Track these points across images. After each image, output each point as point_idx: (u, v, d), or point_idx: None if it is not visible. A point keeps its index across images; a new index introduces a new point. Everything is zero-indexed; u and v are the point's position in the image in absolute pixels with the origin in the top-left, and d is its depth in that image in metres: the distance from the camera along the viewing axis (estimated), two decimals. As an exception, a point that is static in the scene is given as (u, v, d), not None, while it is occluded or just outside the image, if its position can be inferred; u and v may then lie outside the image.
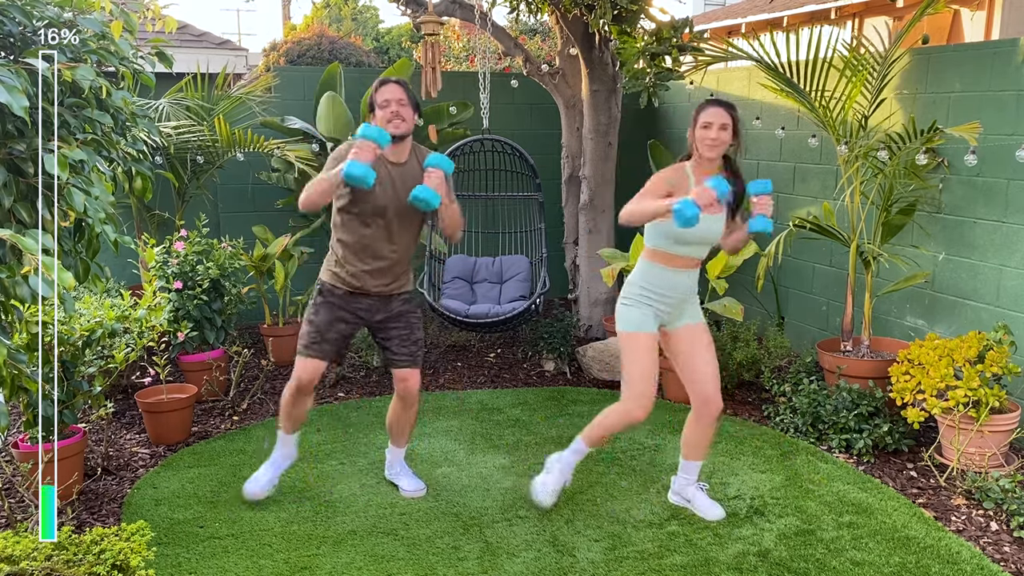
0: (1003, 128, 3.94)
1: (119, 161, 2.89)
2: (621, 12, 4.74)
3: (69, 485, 3.40)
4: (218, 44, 7.64)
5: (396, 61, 5.82)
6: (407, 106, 3.16)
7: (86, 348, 3.58)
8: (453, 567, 2.95)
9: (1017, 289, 3.94)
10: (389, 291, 3.34)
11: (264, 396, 4.74)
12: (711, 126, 3.05)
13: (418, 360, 3.42)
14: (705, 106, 3.10)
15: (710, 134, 3.05)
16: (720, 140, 3.06)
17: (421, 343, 3.44)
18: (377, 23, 17.34)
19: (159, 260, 4.60)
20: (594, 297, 5.72)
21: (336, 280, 3.31)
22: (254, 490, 3.44)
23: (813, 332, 5.20)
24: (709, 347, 3.22)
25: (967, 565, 2.93)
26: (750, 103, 5.52)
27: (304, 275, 5.94)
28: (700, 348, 3.20)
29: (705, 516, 3.27)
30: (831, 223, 4.45)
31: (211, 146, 5.35)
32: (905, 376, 3.74)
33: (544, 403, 4.64)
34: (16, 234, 2.02)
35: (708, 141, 3.06)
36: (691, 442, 3.30)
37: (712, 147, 3.06)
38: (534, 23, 10.27)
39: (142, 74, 2.87)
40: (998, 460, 3.57)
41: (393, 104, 3.14)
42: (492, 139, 5.37)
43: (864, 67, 4.24)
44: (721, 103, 3.11)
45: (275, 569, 2.94)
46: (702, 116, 3.08)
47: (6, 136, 2.40)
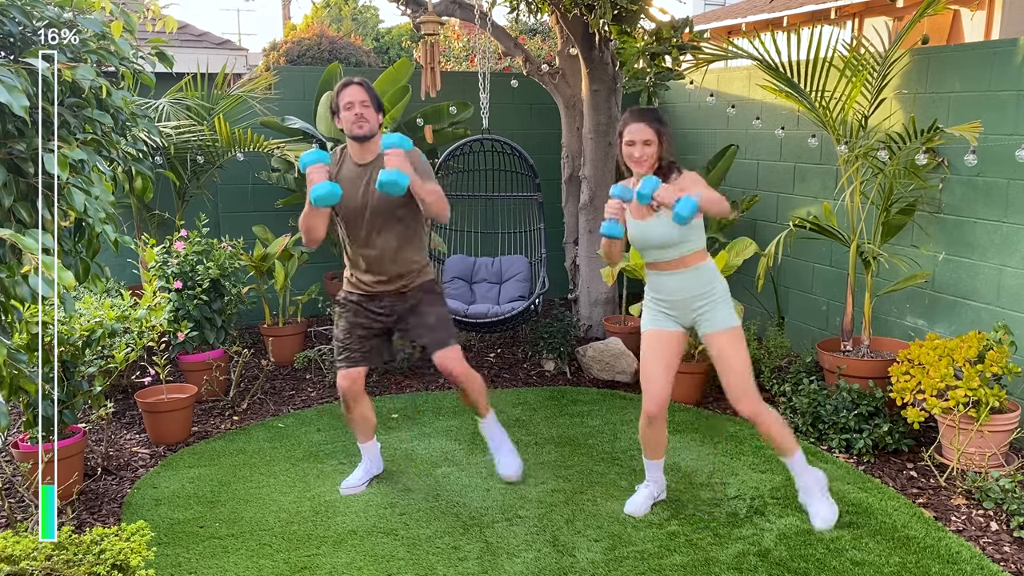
0: (1003, 128, 3.94)
1: (119, 161, 2.89)
2: (621, 12, 4.74)
3: (69, 485, 3.40)
4: (218, 44, 7.64)
5: (396, 61, 5.82)
6: (370, 107, 3.22)
7: (86, 348, 3.58)
8: (453, 567, 2.95)
9: (1017, 289, 3.94)
10: (397, 290, 3.35)
11: (264, 396, 4.74)
12: (634, 144, 3.05)
13: (445, 341, 3.42)
14: (628, 120, 3.07)
15: (635, 152, 3.05)
16: (645, 156, 3.05)
17: (443, 324, 3.43)
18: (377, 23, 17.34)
19: (159, 260, 4.60)
20: (594, 297, 5.71)
21: (347, 287, 3.41)
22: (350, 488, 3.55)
23: (813, 332, 5.20)
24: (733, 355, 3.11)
25: (967, 565, 2.93)
26: (750, 103, 5.53)
27: (304, 275, 5.95)
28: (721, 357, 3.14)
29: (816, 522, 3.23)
30: (831, 223, 4.45)
31: (211, 146, 5.35)
32: (905, 376, 3.74)
33: (544, 403, 4.64)
34: (16, 233, 2.02)
35: (634, 159, 3.06)
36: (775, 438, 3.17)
37: (638, 164, 3.07)
38: (534, 23, 10.27)
39: (142, 74, 2.87)
40: (998, 460, 3.57)
41: (356, 106, 3.19)
42: (492, 139, 5.36)
43: (864, 67, 4.24)
44: (643, 115, 3.07)
45: (275, 569, 2.95)
46: (625, 132, 3.07)
47: (6, 136, 2.40)
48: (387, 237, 3.28)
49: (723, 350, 3.12)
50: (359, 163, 3.28)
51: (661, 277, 3.16)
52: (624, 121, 3.09)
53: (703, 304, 3.13)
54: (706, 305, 3.13)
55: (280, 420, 4.40)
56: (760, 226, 5.60)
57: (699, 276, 3.13)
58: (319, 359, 5.12)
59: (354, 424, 3.52)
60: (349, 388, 3.38)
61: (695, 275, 3.13)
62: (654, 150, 3.04)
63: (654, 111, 3.13)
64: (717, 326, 3.12)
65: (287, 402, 4.68)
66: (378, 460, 3.66)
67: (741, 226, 5.60)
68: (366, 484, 3.58)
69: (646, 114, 3.07)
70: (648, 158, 3.04)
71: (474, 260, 5.57)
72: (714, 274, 3.18)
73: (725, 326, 3.12)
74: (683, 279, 3.12)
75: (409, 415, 4.46)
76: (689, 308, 3.15)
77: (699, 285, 3.13)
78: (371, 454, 3.62)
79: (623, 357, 4.94)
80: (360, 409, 3.45)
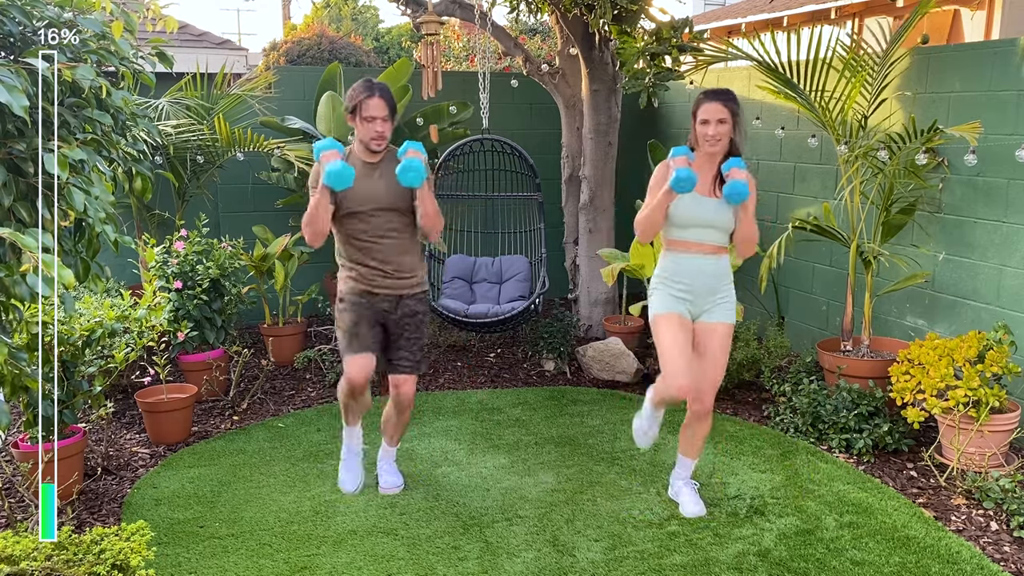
0: (1003, 128, 3.94)
1: (119, 161, 2.89)
2: (621, 12, 4.74)
3: (69, 485, 3.40)
4: (218, 44, 7.64)
5: (396, 61, 5.82)
6: (388, 121, 3.23)
7: (86, 348, 3.58)
8: (453, 567, 2.95)
9: (1017, 289, 3.94)
10: (399, 290, 3.34)
11: (264, 396, 4.74)
12: (709, 123, 3.06)
13: (418, 367, 3.41)
14: (702, 100, 3.09)
15: (708, 131, 3.06)
16: (719, 134, 3.06)
17: (422, 350, 3.44)
18: (377, 23, 17.34)
19: (159, 260, 4.60)
20: (594, 297, 5.71)
21: (349, 285, 3.35)
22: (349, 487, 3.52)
23: (813, 332, 5.20)
24: (722, 350, 3.19)
25: (967, 565, 2.93)
26: (750, 103, 5.52)
27: (304, 275, 5.95)
28: (711, 347, 3.18)
29: (683, 511, 3.29)
30: (831, 223, 4.45)
31: (211, 145, 5.35)
32: (905, 376, 3.74)
33: (544, 403, 4.64)
34: (16, 233, 2.02)
35: (708, 137, 3.06)
36: (684, 438, 3.34)
37: (712, 143, 3.07)
38: (534, 23, 10.27)
39: (142, 74, 2.87)
40: (998, 460, 3.57)
41: (378, 122, 3.20)
42: (492, 139, 5.37)
43: (864, 67, 4.24)
44: (719, 95, 3.09)
45: (275, 569, 2.95)
46: (700, 112, 3.08)
47: (6, 136, 2.40)
48: (389, 236, 3.29)
49: (719, 342, 3.19)
50: (366, 161, 3.29)
51: (692, 260, 3.15)
52: (698, 101, 3.10)
53: (722, 295, 3.19)
54: (723, 297, 3.20)
55: (280, 420, 4.40)
56: (760, 226, 5.56)
57: (726, 267, 3.20)
58: (319, 359, 5.12)
59: (356, 410, 3.47)
60: (359, 374, 3.27)
61: (724, 265, 3.19)
62: (727, 129, 3.07)
63: (729, 91, 3.13)
64: (723, 318, 3.20)
65: (287, 402, 4.68)
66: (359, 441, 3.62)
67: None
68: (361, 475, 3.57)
69: (721, 94, 3.09)
70: (722, 136, 3.06)
71: (474, 260, 5.57)
72: (730, 269, 3.26)
73: (729, 320, 3.22)
74: (713, 265, 3.16)
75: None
76: (707, 295, 3.17)
77: (724, 276, 3.20)
78: (354, 437, 3.58)
79: (623, 357, 4.94)
80: (365, 397, 3.43)
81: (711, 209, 3.10)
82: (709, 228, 3.12)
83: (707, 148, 3.08)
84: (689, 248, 3.15)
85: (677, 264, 3.18)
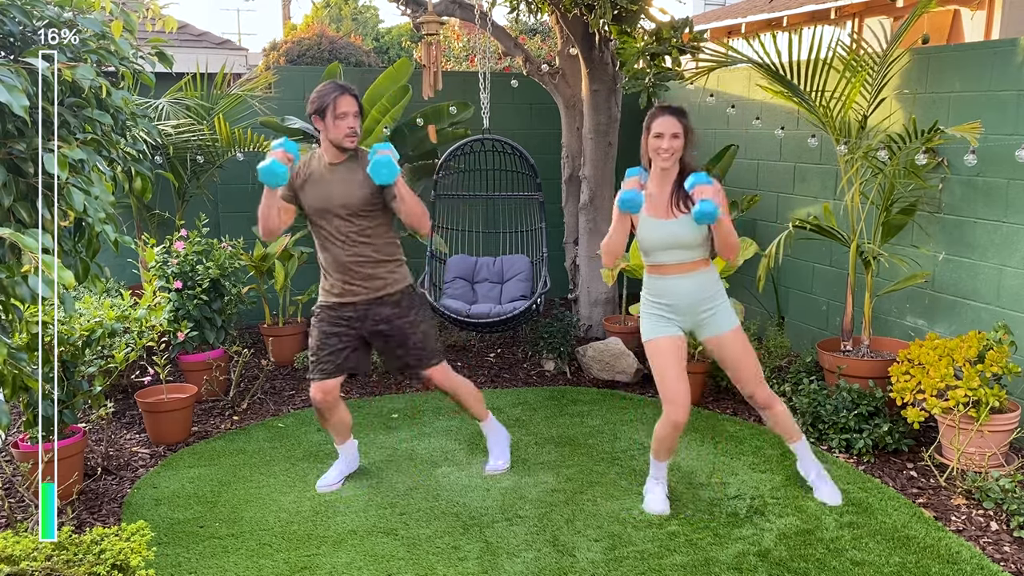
0: (1003, 128, 3.94)
1: (119, 161, 2.89)
2: (621, 12, 4.74)
3: (69, 485, 3.40)
4: (218, 44, 7.65)
5: (396, 61, 5.82)
6: (359, 117, 3.24)
7: (86, 348, 3.58)
8: (453, 567, 2.95)
9: (1017, 289, 3.94)
10: (370, 295, 3.32)
11: (264, 396, 4.74)
12: (663, 136, 3.08)
13: (431, 359, 3.43)
14: (657, 114, 3.12)
15: (663, 144, 3.09)
16: (672, 148, 3.09)
17: (427, 341, 3.42)
18: (377, 23, 17.35)
19: (159, 260, 4.60)
20: (594, 297, 5.71)
21: (322, 296, 3.39)
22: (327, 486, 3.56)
23: (813, 332, 5.20)
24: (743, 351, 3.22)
25: (967, 565, 2.93)
26: (750, 103, 5.53)
27: (304, 275, 5.94)
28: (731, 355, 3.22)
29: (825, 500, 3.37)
30: (831, 223, 4.45)
31: (211, 145, 5.35)
32: (905, 376, 3.74)
33: (544, 403, 4.64)
34: (16, 233, 2.02)
35: (661, 151, 3.09)
36: (776, 432, 3.41)
37: (665, 158, 3.10)
38: (534, 23, 10.27)
39: (142, 74, 2.87)
40: (998, 460, 3.57)
41: (351, 118, 3.20)
42: (492, 139, 5.36)
43: (864, 67, 4.24)
44: (672, 111, 3.12)
45: (275, 569, 2.95)
46: (654, 125, 3.11)
47: (6, 136, 2.40)
48: (355, 238, 3.26)
49: (733, 349, 3.21)
50: (331, 162, 3.27)
51: (671, 280, 3.16)
52: (652, 115, 3.13)
53: (709, 308, 3.19)
54: (712, 308, 3.19)
55: (280, 420, 4.40)
56: (760, 226, 5.60)
57: (707, 279, 3.20)
58: (319, 359, 5.12)
59: (332, 429, 3.54)
60: (323, 400, 3.38)
61: (705, 278, 3.19)
62: (680, 144, 3.10)
63: (682, 108, 3.18)
64: (724, 328, 3.20)
65: (287, 402, 4.68)
66: (355, 458, 3.69)
67: (741, 226, 5.60)
68: (341, 482, 3.59)
69: (676, 110, 3.13)
70: (675, 151, 3.09)
71: (475, 260, 5.57)
72: (718, 277, 3.26)
73: (732, 327, 3.22)
74: (694, 282, 3.16)
75: (409, 415, 4.46)
76: (695, 312, 3.18)
77: (707, 288, 3.19)
78: (348, 454, 3.64)
79: (623, 357, 4.94)
80: (336, 416, 3.47)
81: (672, 231, 3.11)
82: (676, 249, 3.13)
83: (660, 163, 3.11)
84: (664, 271, 3.17)
85: (657, 287, 3.20)
